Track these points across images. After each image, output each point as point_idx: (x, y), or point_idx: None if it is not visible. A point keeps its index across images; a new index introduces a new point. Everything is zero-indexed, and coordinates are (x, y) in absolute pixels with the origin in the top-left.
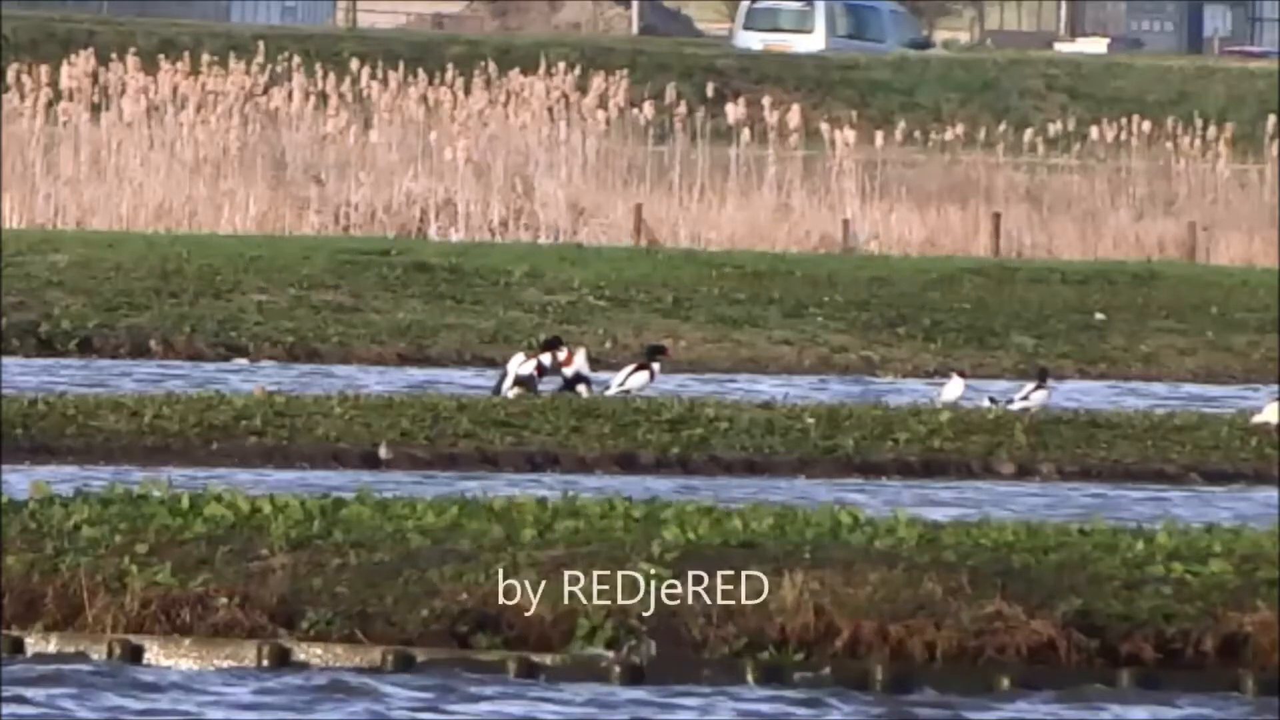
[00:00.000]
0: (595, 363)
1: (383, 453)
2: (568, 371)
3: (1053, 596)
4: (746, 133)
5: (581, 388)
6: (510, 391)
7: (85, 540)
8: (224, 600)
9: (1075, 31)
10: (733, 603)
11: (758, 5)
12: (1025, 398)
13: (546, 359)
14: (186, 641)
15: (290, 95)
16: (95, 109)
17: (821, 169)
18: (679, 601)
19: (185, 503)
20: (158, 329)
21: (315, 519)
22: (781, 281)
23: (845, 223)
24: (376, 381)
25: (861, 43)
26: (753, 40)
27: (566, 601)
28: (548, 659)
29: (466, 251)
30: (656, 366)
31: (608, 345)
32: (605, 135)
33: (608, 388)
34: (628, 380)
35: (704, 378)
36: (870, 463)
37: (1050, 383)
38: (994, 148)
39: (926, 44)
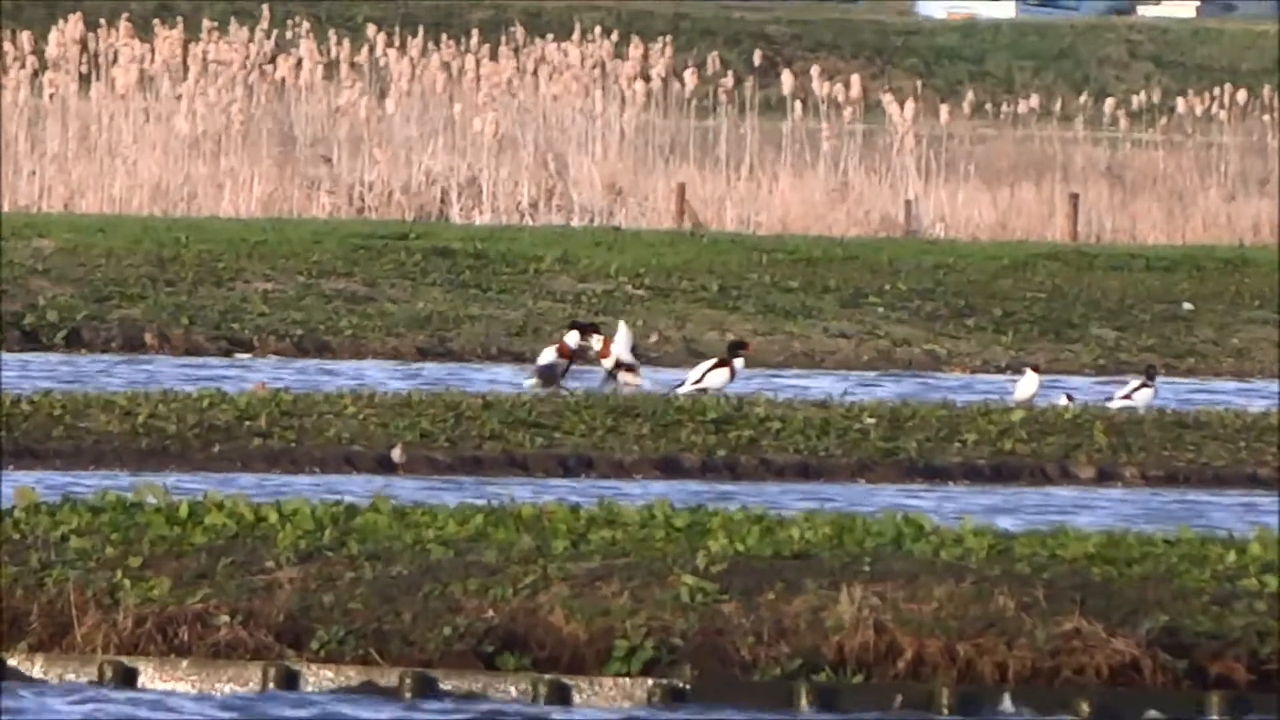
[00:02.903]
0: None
1: (396, 456)
2: (607, 362)
3: (1136, 612)
4: (799, 105)
5: (627, 376)
6: (528, 384)
7: (74, 552)
8: (226, 618)
9: None
10: (785, 620)
11: None
12: (1128, 396)
13: (573, 339)
14: (184, 663)
15: (299, 64)
16: (84, 79)
17: (882, 145)
18: (726, 619)
19: (183, 511)
20: (153, 321)
21: (326, 528)
22: (838, 268)
23: (908, 204)
24: (393, 378)
25: (1053, 9)
26: (935, 9)
27: (602, 619)
28: (581, 681)
29: (492, 235)
30: (739, 364)
31: (650, 339)
32: (645, 108)
33: (679, 386)
34: (705, 378)
35: (753, 373)
36: (936, 466)
37: (1156, 382)
38: (1071, 121)
39: (1130, 8)
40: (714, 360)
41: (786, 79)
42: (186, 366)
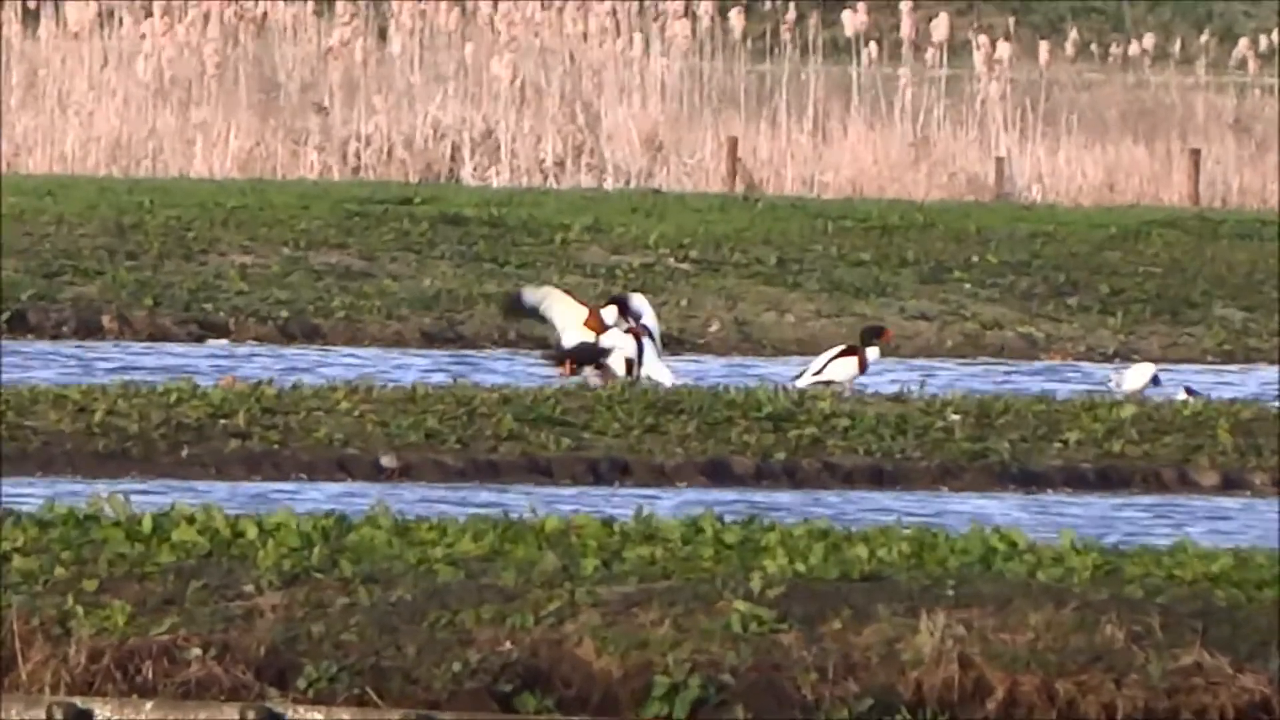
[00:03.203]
0: (678, 344)
1: (385, 461)
2: (605, 340)
3: (1266, 644)
4: (872, 47)
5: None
6: (557, 372)
7: (17, 574)
8: (197, 651)
9: None
10: (854, 653)
11: None
12: None
13: (610, 314)
14: (148, 705)
15: None
16: (30, 16)
17: (969, 93)
18: (785, 651)
19: (147, 525)
20: (111, 301)
21: (315, 546)
22: (917, 238)
23: (999, 162)
24: (395, 368)
25: None
26: None
27: (639, 652)
28: None
29: (511, 200)
30: (872, 353)
31: (693, 321)
32: (690, 51)
33: (799, 378)
34: (829, 368)
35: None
36: (1032, 471)
37: None
38: (1192, 65)
39: None
40: (841, 348)
41: (852, 17)
42: (151, 354)
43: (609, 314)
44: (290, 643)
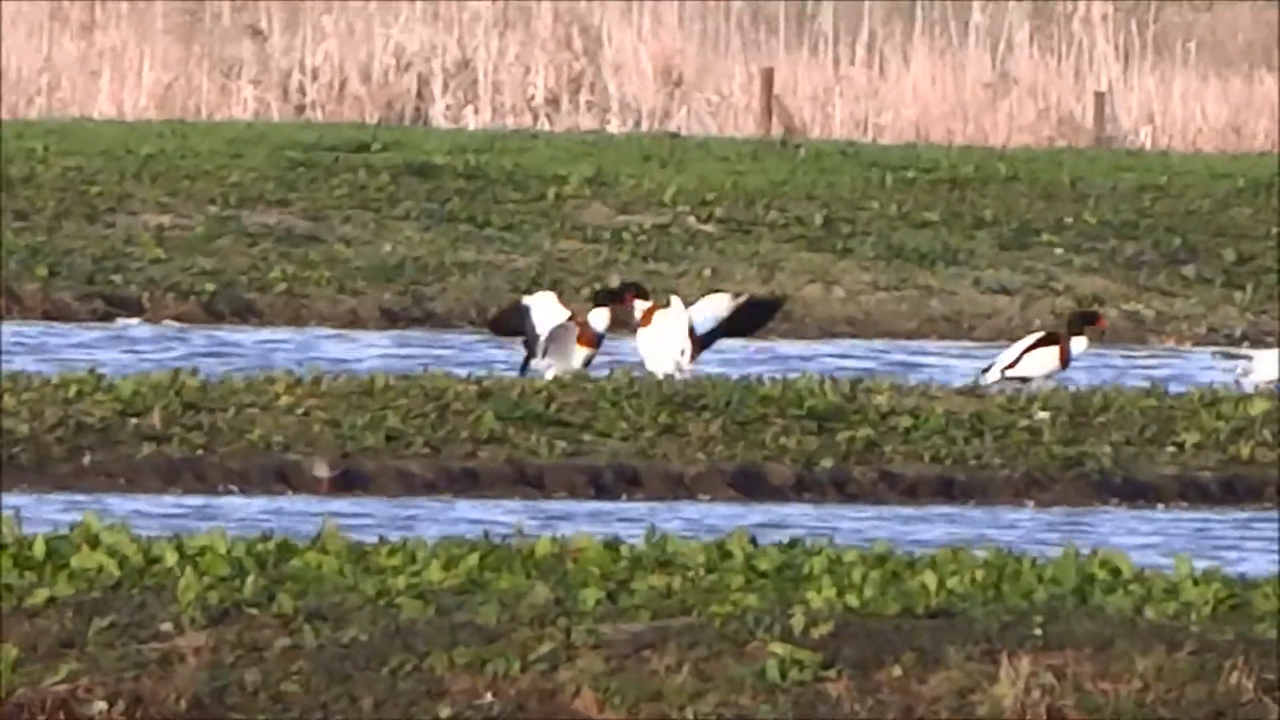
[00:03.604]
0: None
1: (319, 471)
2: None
3: None
4: None
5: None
6: (544, 365)
7: None
8: (102, 705)
9: None
10: (918, 706)
11: None
12: None
13: (600, 320)
14: None
15: None
16: None
17: (1061, 14)
18: (832, 704)
19: (39, 549)
20: None
21: (249, 575)
22: (997, 193)
23: (1099, 99)
24: (348, 354)
25: None
26: None
27: (652, 705)
28: None
29: (493, 146)
30: (1078, 344)
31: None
32: None
33: (987, 371)
34: (1024, 361)
35: (873, 346)
36: (1138, 482)
37: None
38: None
39: None
40: (1039, 335)
41: None
42: (46, 336)
43: (598, 318)
44: (218, 694)
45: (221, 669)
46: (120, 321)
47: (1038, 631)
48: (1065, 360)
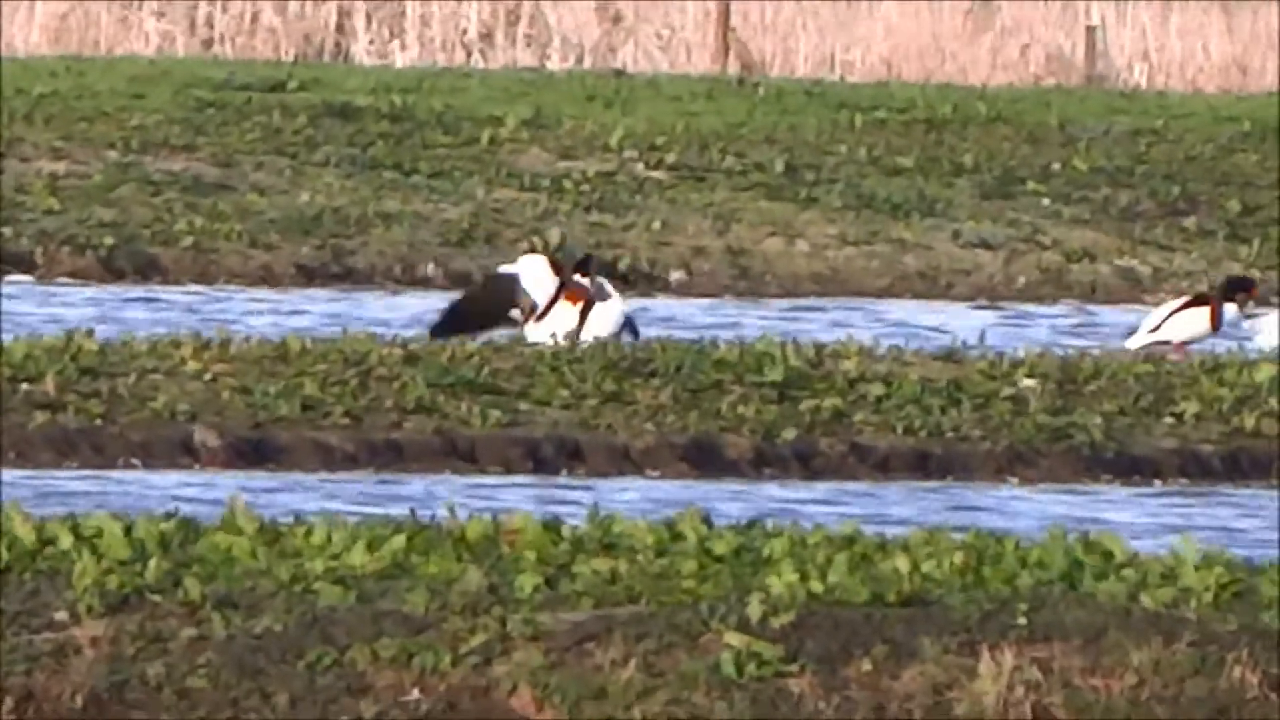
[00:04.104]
0: (647, 281)
1: (201, 437)
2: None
3: None
4: None
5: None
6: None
7: None
8: None
9: None
10: (890, 703)
11: None
12: None
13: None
14: None
15: None
16: None
17: None
18: (795, 701)
19: None
20: None
21: (151, 558)
22: (978, 137)
23: (1089, 33)
24: (262, 314)
25: None
26: None
27: (595, 704)
28: None
29: (421, 85)
30: (1230, 310)
31: (669, 250)
32: None
33: (1130, 337)
34: (1168, 323)
35: (839, 305)
36: (1133, 457)
37: None
38: None
39: None
40: (1187, 298)
41: None
42: None
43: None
44: (117, 689)
45: (121, 661)
46: (10, 279)
47: (1021, 621)
48: (1217, 324)
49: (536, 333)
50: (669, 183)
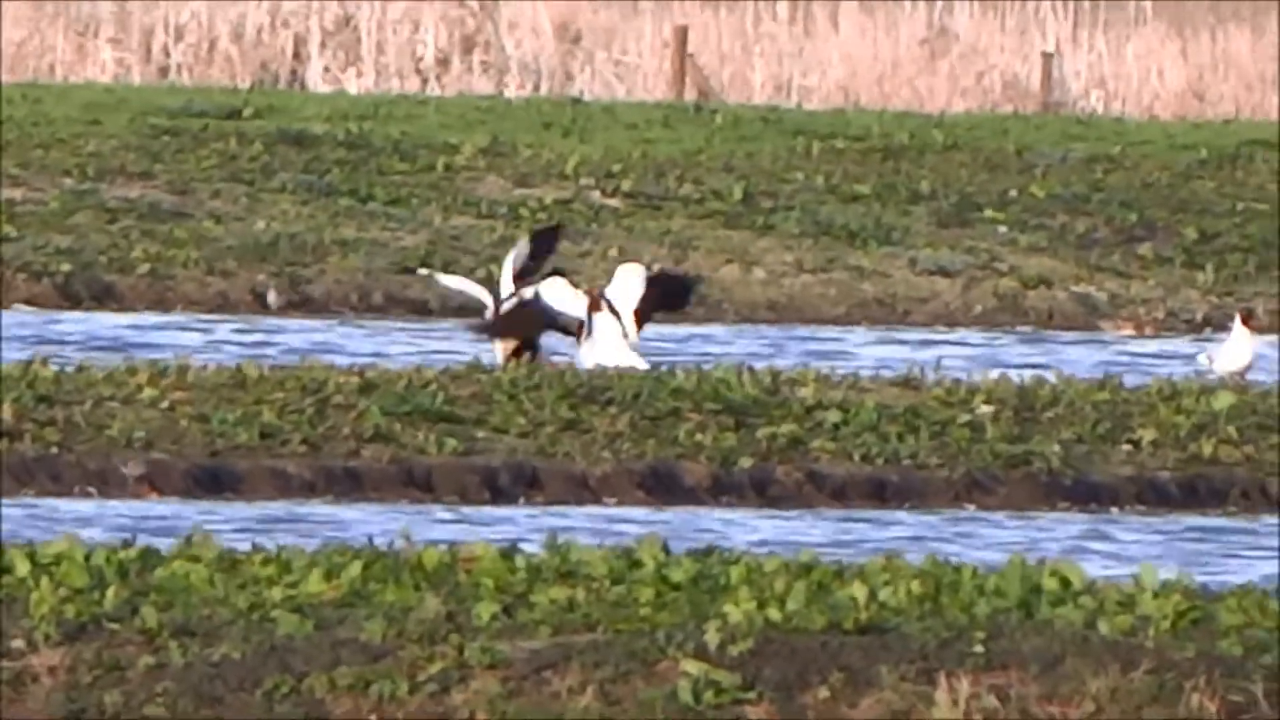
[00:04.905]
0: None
1: (129, 470)
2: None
3: None
4: None
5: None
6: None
7: None
8: None
9: None
10: None
11: None
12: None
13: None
14: None
15: None
16: None
17: None
18: None
19: None
20: None
21: (110, 586)
22: (934, 165)
23: (1046, 60)
24: (218, 342)
25: None
26: None
27: None
28: None
29: (377, 112)
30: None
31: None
32: None
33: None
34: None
35: (796, 333)
36: (1091, 483)
37: None
38: None
39: None
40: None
41: None
42: None
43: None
44: (74, 717)
45: (79, 690)
46: None
47: (979, 649)
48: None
49: (595, 355)
50: (625, 210)
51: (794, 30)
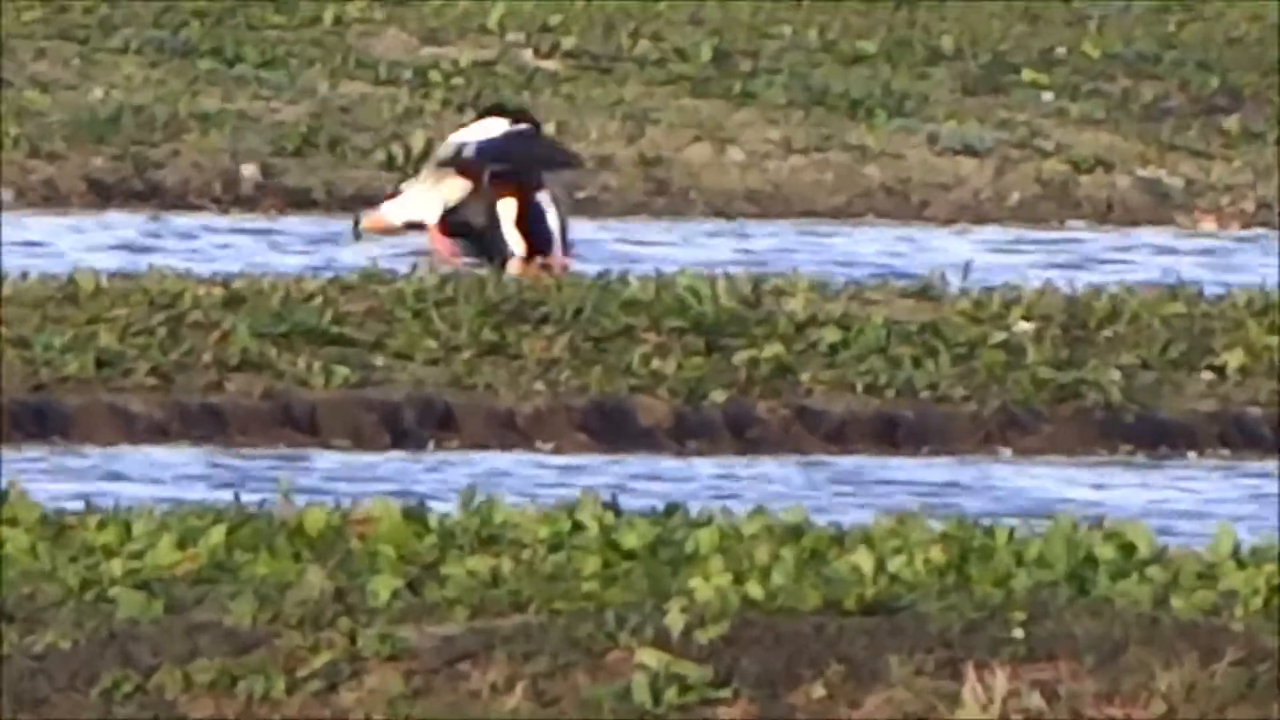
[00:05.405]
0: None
1: None
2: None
3: None
4: None
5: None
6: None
7: None
8: None
9: None
10: None
11: None
12: None
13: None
14: None
15: None
16: None
17: None
18: None
19: None
20: None
21: None
22: (958, 14)
23: None
24: (44, 244)
25: None
26: None
27: None
28: None
29: None
30: None
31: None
32: None
33: None
34: None
35: (784, 227)
36: (1160, 421)
37: None
38: None
39: None
40: None
41: None
42: None
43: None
44: None
45: None
46: None
47: (1018, 634)
48: None
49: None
50: (565, 74)
51: None
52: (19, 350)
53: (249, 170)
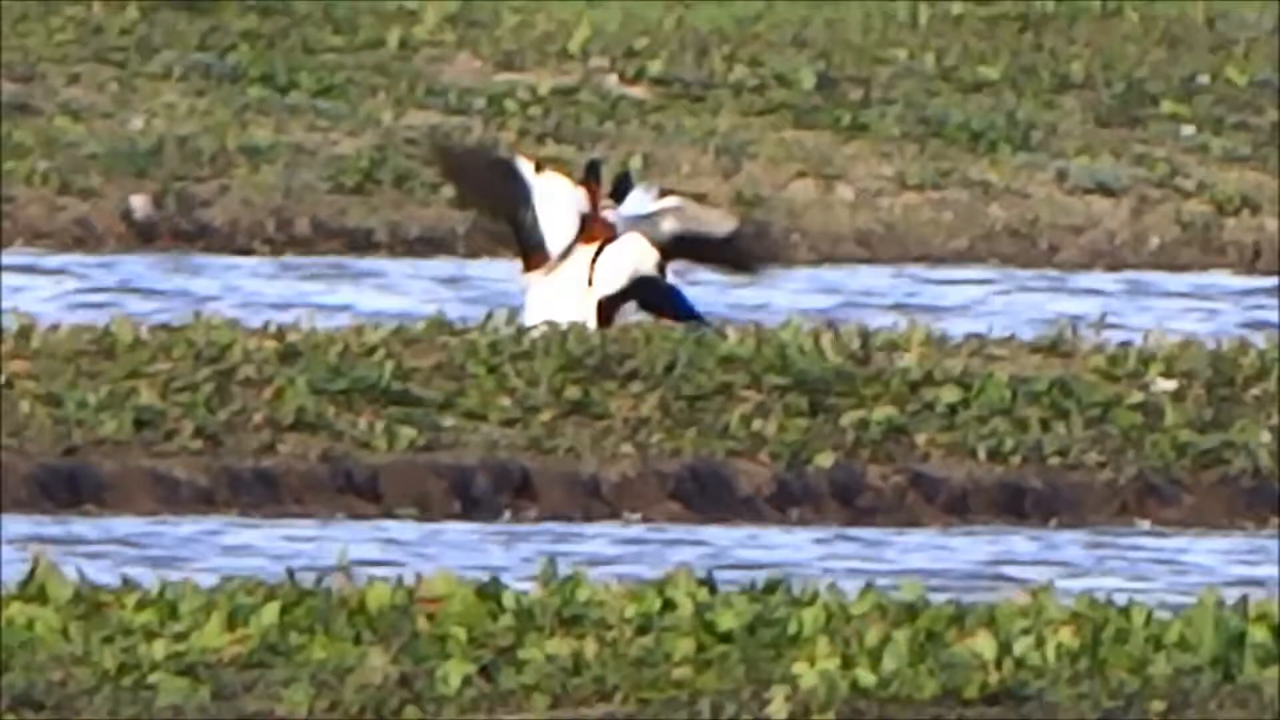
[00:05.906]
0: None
1: None
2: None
3: None
4: None
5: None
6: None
7: None
8: None
9: None
10: None
11: None
12: None
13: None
14: None
15: None
16: None
17: None
18: None
19: None
20: None
21: None
22: (1090, 38)
23: None
24: (77, 291)
25: None
26: None
27: None
28: None
29: None
30: None
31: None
32: None
33: None
34: None
35: (898, 276)
36: None
37: None
38: None
39: None
40: None
41: None
42: None
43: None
44: None
45: None
46: None
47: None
48: None
49: (538, 302)
50: (653, 103)
51: None
52: (49, 409)
53: (139, 201)
